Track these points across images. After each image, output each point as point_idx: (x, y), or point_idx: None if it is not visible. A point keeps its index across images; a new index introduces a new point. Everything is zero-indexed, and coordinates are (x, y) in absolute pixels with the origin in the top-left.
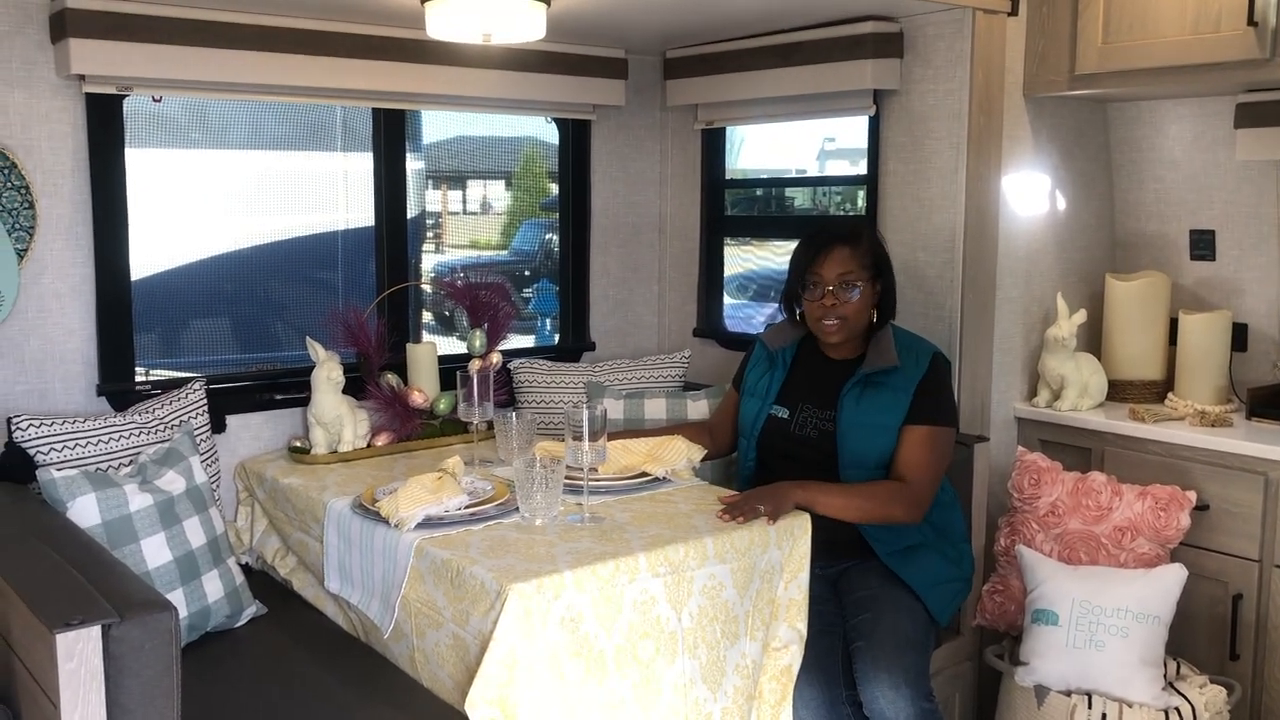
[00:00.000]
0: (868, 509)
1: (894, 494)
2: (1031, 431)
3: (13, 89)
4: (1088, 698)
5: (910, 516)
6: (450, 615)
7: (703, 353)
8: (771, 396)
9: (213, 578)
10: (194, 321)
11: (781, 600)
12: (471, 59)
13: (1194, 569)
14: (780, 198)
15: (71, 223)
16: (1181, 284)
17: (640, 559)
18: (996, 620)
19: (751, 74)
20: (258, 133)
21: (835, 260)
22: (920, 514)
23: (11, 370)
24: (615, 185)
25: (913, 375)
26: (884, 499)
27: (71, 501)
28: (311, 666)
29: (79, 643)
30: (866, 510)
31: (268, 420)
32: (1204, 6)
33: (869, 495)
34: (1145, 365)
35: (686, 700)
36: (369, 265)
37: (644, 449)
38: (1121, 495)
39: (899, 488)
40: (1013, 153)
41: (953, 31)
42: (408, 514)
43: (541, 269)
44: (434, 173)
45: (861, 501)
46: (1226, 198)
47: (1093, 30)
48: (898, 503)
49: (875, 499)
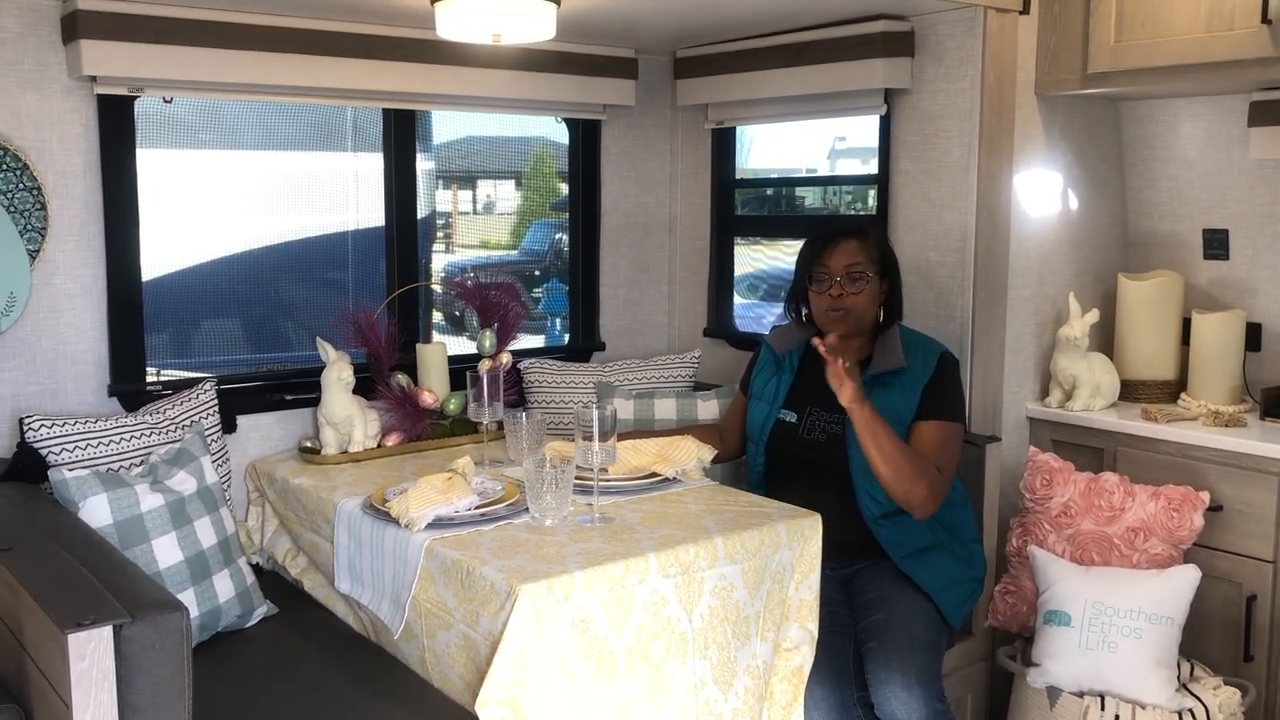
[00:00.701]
0: (902, 471)
1: (927, 471)
2: (1043, 432)
3: (25, 90)
4: (1100, 699)
5: (928, 501)
6: (460, 615)
7: (713, 353)
8: (779, 401)
9: (224, 578)
10: (205, 322)
11: (793, 601)
12: (482, 59)
13: (1207, 570)
14: (790, 197)
15: (83, 223)
16: (1195, 283)
17: (651, 559)
18: (1009, 621)
19: (762, 73)
20: (268, 133)
21: (843, 252)
22: (936, 505)
23: (24, 370)
24: (625, 185)
25: (920, 375)
26: (919, 470)
27: (83, 501)
28: (322, 666)
29: (90, 642)
30: (899, 471)
31: (278, 420)
32: (1217, 4)
33: (911, 458)
34: (1158, 365)
35: (697, 701)
36: (379, 265)
37: (654, 449)
38: (1134, 496)
39: (931, 469)
40: (1024, 151)
41: (964, 30)
42: (418, 514)
43: (551, 269)
44: (444, 173)
45: (903, 462)
46: (1240, 197)
47: (1105, 28)
48: (926, 481)
49: (915, 465)
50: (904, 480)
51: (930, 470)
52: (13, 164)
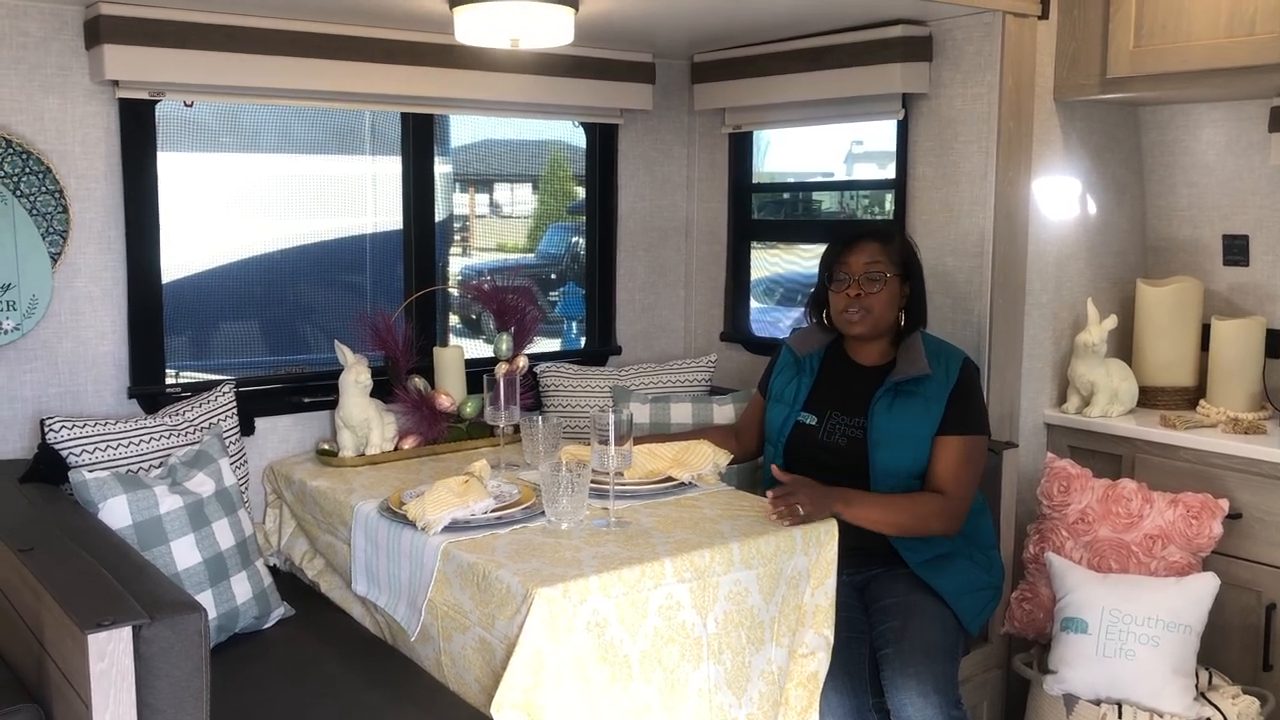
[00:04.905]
0: (909, 525)
1: (935, 510)
2: (1061, 438)
3: (48, 95)
4: (1118, 707)
5: (948, 529)
6: (476, 618)
7: (729, 357)
8: (799, 403)
9: (241, 579)
10: (223, 324)
11: (808, 606)
12: (500, 64)
13: (1226, 578)
14: (808, 201)
15: (104, 226)
16: (1214, 289)
17: (666, 564)
18: (1025, 628)
19: (780, 78)
20: (287, 137)
21: (864, 252)
22: (958, 526)
23: (44, 372)
24: (642, 189)
25: (944, 383)
26: (925, 515)
27: (103, 503)
28: (339, 668)
29: (110, 643)
30: (907, 527)
31: (296, 423)
32: (1238, 9)
33: (910, 512)
34: (1177, 371)
35: (711, 706)
36: (397, 268)
37: (670, 453)
38: (1152, 503)
39: (940, 503)
40: (1043, 157)
41: (982, 35)
42: (434, 517)
43: (568, 272)
44: (461, 176)
45: (904, 518)
46: (1261, 202)
47: (1124, 33)
48: (938, 518)
49: (916, 516)
50: (915, 530)
51: (937, 505)
52: (35, 167)
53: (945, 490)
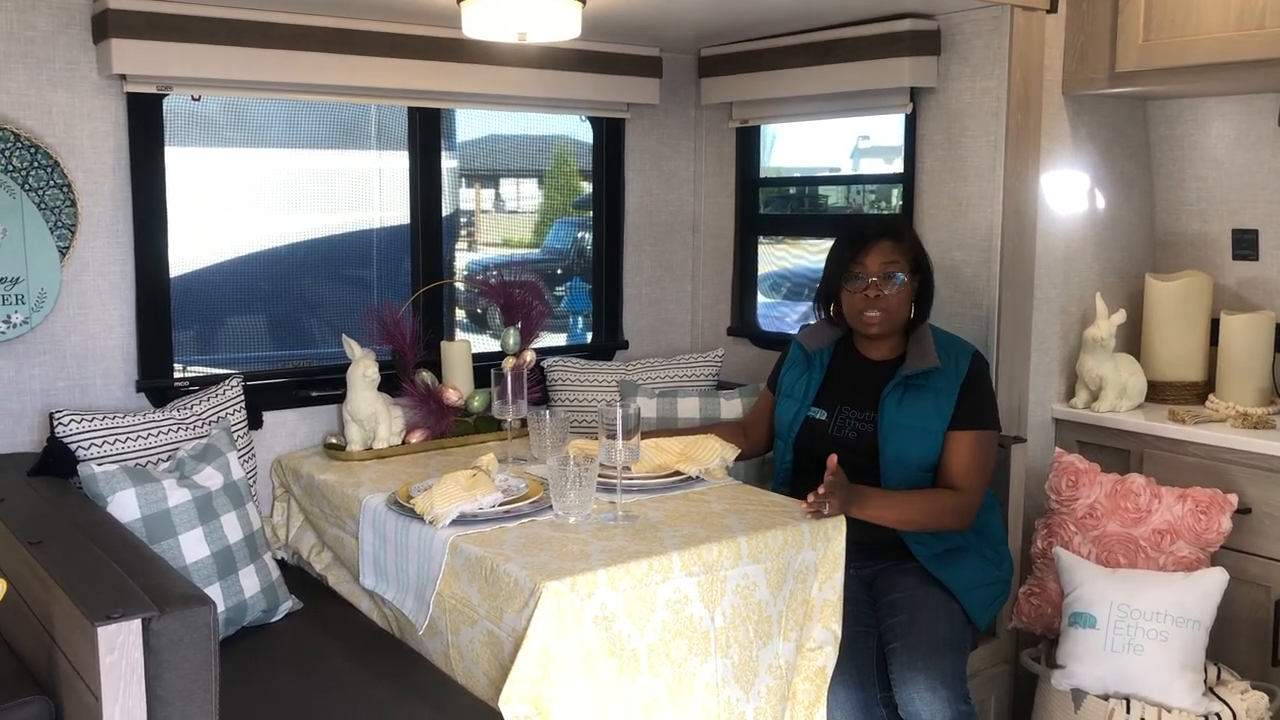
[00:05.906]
0: (924, 522)
1: (949, 506)
2: (1069, 433)
3: (55, 89)
4: (1126, 702)
5: (962, 525)
6: (484, 612)
7: (736, 351)
8: (810, 398)
9: (249, 573)
10: (231, 318)
11: (816, 601)
12: (507, 58)
13: (1235, 573)
14: (815, 196)
15: (112, 220)
16: (1223, 284)
17: (674, 558)
18: (1033, 623)
19: (787, 72)
20: (294, 131)
21: (880, 251)
22: (970, 521)
23: (53, 366)
24: (649, 183)
25: (954, 377)
26: (939, 512)
27: (112, 496)
28: (346, 662)
29: (120, 635)
30: (922, 524)
31: (304, 417)
32: (1247, 3)
33: (925, 509)
34: (1185, 366)
35: (719, 700)
36: (404, 263)
37: (677, 448)
38: (1161, 498)
39: (954, 499)
40: (1051, 151)
41: (990, 29)
42: (442, 511)
43: (575, 267)
44: (468, 171)
45: (919, 515)
46: (1270, 197)
47: (1133, 27)
48: (952, 514)
49: (931, 513)
50: (929, 526)
51: (951, 501)
52: (43, 161)
53: (959, 486)
